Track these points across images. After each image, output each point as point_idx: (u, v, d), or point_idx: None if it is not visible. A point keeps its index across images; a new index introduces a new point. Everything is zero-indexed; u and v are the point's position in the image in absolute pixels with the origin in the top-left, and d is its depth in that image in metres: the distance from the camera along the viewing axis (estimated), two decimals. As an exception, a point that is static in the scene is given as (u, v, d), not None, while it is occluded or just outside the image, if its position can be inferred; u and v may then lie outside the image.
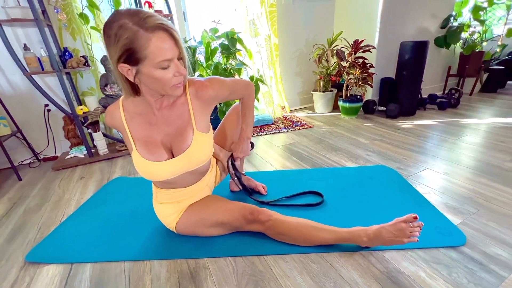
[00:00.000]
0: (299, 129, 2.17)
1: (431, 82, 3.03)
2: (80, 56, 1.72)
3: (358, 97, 2.34)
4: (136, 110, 0.80)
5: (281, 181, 1.34)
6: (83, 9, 1.71)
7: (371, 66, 2.18)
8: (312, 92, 2.61)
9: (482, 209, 1.04)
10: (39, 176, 1.67)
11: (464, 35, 2.88)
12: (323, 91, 2.52)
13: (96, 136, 1.79)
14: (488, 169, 1.35)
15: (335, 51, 2.31)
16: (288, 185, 1.30)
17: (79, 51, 1.83)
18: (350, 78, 2.27)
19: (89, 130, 1.86)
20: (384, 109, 2.39)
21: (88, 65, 1.75)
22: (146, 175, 0.83)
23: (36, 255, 0.96)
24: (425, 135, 1.87)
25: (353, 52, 2.20)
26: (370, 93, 2.57)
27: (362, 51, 2.17)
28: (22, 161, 1.88)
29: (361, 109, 2.52)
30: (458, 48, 3.04)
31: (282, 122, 2.35)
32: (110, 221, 1.12)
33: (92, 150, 1.84)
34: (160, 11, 1.83)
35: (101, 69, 1.87)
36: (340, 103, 2.39)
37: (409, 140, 1.78)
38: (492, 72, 3.00)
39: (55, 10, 1.63)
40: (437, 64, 2.99)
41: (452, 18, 2.77)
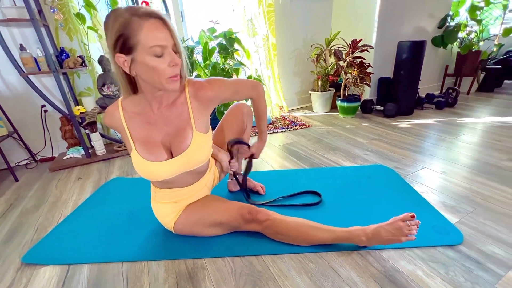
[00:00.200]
0: (297, 128, 2.17)
1: (429, 82, 3.04)
2: (77, 56, 1.71)
3: (356, 96, 2.35)
4: (135, 110, 0.80)
5: (279, 181, 1.34)
6: (79, 9, 1.71)
7: (369, 65, 2.19)
8: (310, 92, 2.62)
9: (479, 208, 1.05)
10: (36, 177, 1.66)
11: (461, 34, 2.89)
12: (321, 91, 2.52)
13: (94, 137, 1.78)
14: (485, 168, 1.36)
15: (333, 51, 2.31)
16: (286, 185, 1.30)
17: (76, 51, 1.82)
18: (348, 78, 2.27)
19: (87, 131, 1.85)
20: (382, 108, 2.40)
21: (85, 65, 1.74)
22: (145, 175, 0.83)
23: (33, 256, 0.95)
24: (422, 134, 1.87)
25: (351, 52, 2.20)
26: (368, 93, 2.58)
27: (359, 51, 2.18)
28: (19, 162, 1.87)
29: (359, 108, 2.52)
30: (455, 47, 3.06)
31: (280, 122, 2.35)
32: (108, 222, 1.11)
33: (89, 151, 1.83)
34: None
35: (98, 69, 1.86)
36: (338, 103, 2.39)
37: (406, 140, 1.79)
38: (489, 72, 3.02)
39: (52, 10, 1.62)
40: (434, 64, 3.01)
41: (449, 17, 2.78)
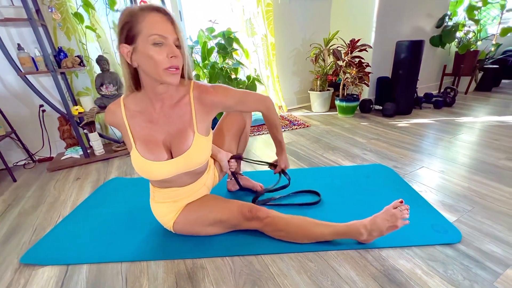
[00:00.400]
0: (296, 128, 2.17)
1: (427, 81, 3.05)
2: (75, 56, 1.70)
3: (355, 96, 2.35)
4: (137, 108, 0.80)
5: (278, 180, 1.34)
6: (77, 8, 1.70)
7: (367, 65, 2.19)
8: (309, 92, 2.62)
9: (477, 207, 1.05)
10: (34, 177, 1.65)
11: (459, 34, 2.90)
12: (320, 91, 2.53)
13: (92, 137, 1.78)
14: (483, 167, 1.36)
15: (331, 51, 2.32)
16: (285, 183, 1.30)
17: (74, 51, 1.81)
18: (346, 77, 2.28)
19: (85, 131, 1.85)
20: (381, 108, 2.40)
21: (83, 65, 1.73)
22: (143, 174, 0.83)
23: (31, 257, 0.95)
24: (421, 133, 1.88)
25: (350, 52, 2.21)
26: (366, 92, 2.58)
27: (358, 51, 2.18)
28: (17, 162, 1.86)
29: (358, 108, 2.53)
30: (453, 47, 3.07)
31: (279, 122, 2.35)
32: (107, 222, 1.11)
33: (88, 151, 1.83)
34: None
35: (97, 69, 1.85)
36: (337, 102, 2.40)
37: (405, 139, 1.79)
38: (487, 71, 3.04)
39: (49, 10, 1.62)
40: (432, 63, 3.02)
41: (447, 17, 2.79)
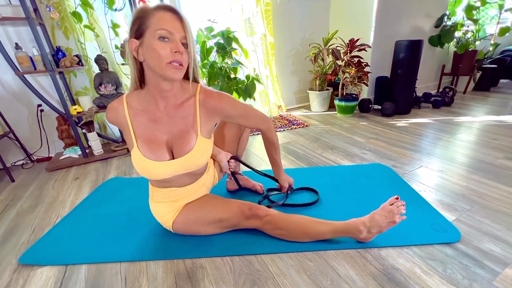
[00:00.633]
0: (295, 128, 2.17)
1: (426, 81, 3.06)
2: (74, 55, 1.69)
3: (354, 95, 2.35)
4: (140, 106, 0.80)
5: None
6: (76, 8, 1.69)
7: (367, 65, 2.19)
8: (308, 91, 2.62)
9: (476, 206, 1.06)
10: (33, 177, 1.65)
11: (457, 34, 2.91)
12: (319, 90, 2.53)
13: (91, 136, 1.77)
14: (481, 166, 1.37)
15: (330, 50, 2.32)
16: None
17: (72, 50, 1.81)
18: (345, 77, 2.28)
19: (84, 130, 1.84)
20: (380, 107, 2.41)
21: (82, 65, 1.73)
22: (143, 173, 0.83)
23: (29, 257, 0.94)
24: (420, 133, 1.88)
25: (349, 51, 2.21)
26: (365, 92, 2.59)
27: (357, 50, 2.18)
28: (15, 162, 1.85)
29: (357, 107, 2.53)
30: (452, 47, 3.07)
31: (279, 121, 2.35)
32: (106, 222, 1.11)
33: (86, 151, 1.82)
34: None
35: (95, 69, 1.84)
36: (336, 102, 2.40)
37: (404, 138, 1.80)
38: (485, 71, 3.05)
39: (47, 9, 1.61)
40: (431, 63, 3.02)
41: (446, 17, 2.80)
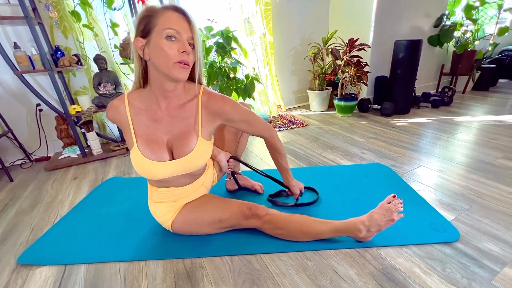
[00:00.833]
0: (295, 127, 2.17)
1: (425, 81, 3.06)
2: (72, 55, 1.69)
3: (353, 95, 2.35)
4: (142, 105, 0.80)
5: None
6: (75, 7, 1.68)
7: (366, 64, 2.19)
8: (307, 91, 2.62)
9: (475, 205, 1.06)
10: (31, 177, 1.64)
11: (456, 34, 2.91)
12: (319, 90, 2.53)
13: (90, 136, 1.77)
14: (480, 166, 1.37)
15: (330, 50, 2.32)
16: (284, 183, 1.30)
17: (71, 49, 1.80)
18: (345, 77, 2.28)
19: (82, 130, 1.83)
20: (379, 107, 2.41)
21: (81, 64, 1.72)
22: (142, 173, 0.83)
23: (28, 257, 0.94)
24: (419, 133, 1.89)
25: (348, 51, 2.21)
26: (365, 92, 2.59)
27: (356, 50, 2.18)
28: (14, 162, 1.84)
29: (356, 107, 2.53)
30: (451, 46, 3.08)
31: (278, 121, 2.35)
32: (105, 222, 1.10)
33: (85, 150, 1.82)
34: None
35: (94, 68, 1.84)
36: (335, 102, 2.40)
37: (403, 138, 1.80)
38: (484, 71, 3.05)
39: (46, 8, 1.60)
40: (430, 63, 3.03)
41: (445, 17, 2.80)
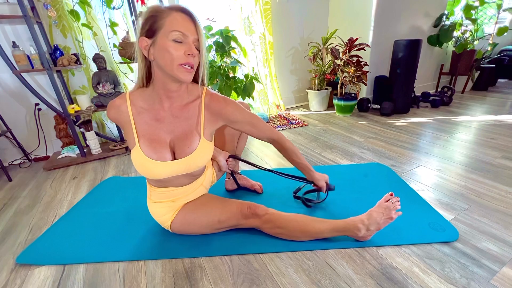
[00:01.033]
0: (294, 127, 2.17)
1: (424, 80, 3.07)
2: (71, 54, 1.68)
3: (353, 95, 2.35)
4: (144, 105, 0.79)
5: (277, 180, 1.34)
6: (73, 6, 1.68)
7: (365, 64, 2.19)
8: (307, 90, 2.62)
9: (474, 205, 1.06)
10: (30, 176, 1.64)
11: (456, 33, 2.92)
12: (318, 89, 2.53)
13: (89, 136, 1.76)
14: (479, 165, 1.37)
15: (329, 49, 2.31)
16: (284, 183, 1.30)
17: (70, 48, 1.80)
18: (344, 76, 2.28)
19: (81, 129, 1.83)
20: (378, 107, 2.41)
21: (80, 63, 1.72)
22: (143, 172, 0.83)
23: (27, 256, 0.94)
24: (418, 132, 1.89)
25: (348, 51, 2.21)
26: (364, 91, 2.59)
27: (356, 50, 2.18)
28: (12, 162, 1.84)
29: (356, 107, 2.53)
30: (450, 46, 3.08)
31: (277, 121, 2.35)
32: (104, 221, 1.10)
33: (84, 150, 1.81)
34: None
35: (93, 67, 1.83)
36: (335, 101, 2.40)
37: (402, 138, 1.80)
38: (483, 71, 3.06)
39: (45, 7, 1.59)
40: (430, 63, 3.03)
41: (445, 17, 2.80)
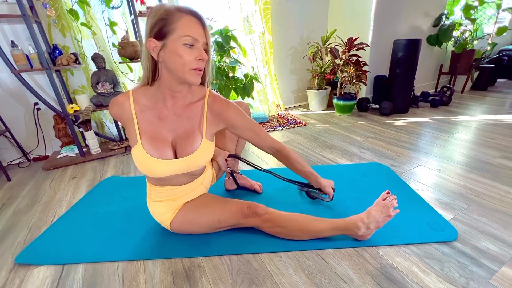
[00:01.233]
0: (294, 127, 2.17)
1: (424, 80, 3.07)
2: (70, 54, 1.68)
3: (352, 95, 2.35)
4: (147, 103, 0.80)
5: (276, 179, 1.34)
6: (72, 5, 1.68)
7: (365, 64, 2.19)
8: (306, 90, 2.62)
9: (473, 205, 1.06)
10: (29, 176, 1.63)
11: (455, 33, 2.92)
12: (318, 89, 2.53)
13: (88, 135, 1.76)
14: (478, 165, 1.37)
15: (329, 49, 2.31)
16: (283, 183, 1.30)
17: (69, 48, 1.79)
18: (344, 76, 2.28)
19: (81, 129, 1.83)
20: (378, 106, 2.41)
21: (79, 63, 1.71)
22: (143, 170, 0.83)
23: (26, 256, 0.94)
24: (417, 132, 1.89)
25: (347, 50, 2.21)
26: (364, 91, 2.59)
27: (356, 49, 2.18)
28: (11, 161, 1.83)
29: (355, 107, 2.53)
30: (449, 46, 3.09)
31: (277, 120, 2.35)
32: (103, 221, 1.10)
33: (83, 150, 1.81)
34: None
35: (93, 67, 1.83)
36: (335, 101, 2.40)
37: (402, 138, 1.80)
38: (483, 70, 3.06)
39: (44, 6, 1.59)
40: (429, 62, 3.03)
41: (444, 16, 2.81)
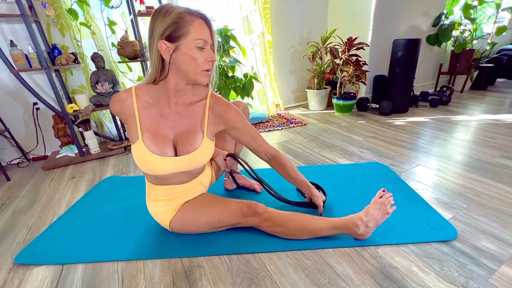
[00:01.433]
0: (294, 126, 2.17)
1: (423, 80, 3.07)
2: (70, 53, 1.68)
3: (352, 94, 2.35)
4: (150, 100, 0.80)
5: (276, 179, 1.33)
6: (72, 5, 1.67)
7: (364, 63, 2.19)
8: (306, 90, 2.62)
9: (473, 204, 1.06)
10: (29, 176, 1.63)
11: (455, 33, 2.92)
12: (317, 89, 2.53)
13: (87, 135, 1.76)
14: (478, 164, 1.38)
15: (328, 49, 2.31)
16: (282, 183, 1.29)
17: (69, 48, 1.79)
18: (343, 76, 2.28)
19: (80, 129, 1.82)
20: (377, 106, 2.41)
21: (78, 62, 1.71)
22: (143, 167, 0.83)
23: (25, 256, 0.93)
24: (417, 132, 1.89)
25: (347, 50, 2.21)
26: (363, 91, 2.59)
27: (355, 49, 2.18)
28: (11, 161, 1.83)
29: (355, 106, 2.53)
30: (449, 46, 3.09)
31: (277, 120, 2.35)
32: (102, 221, 1.10)
33: (83, 149, 1.81)
34: (152, 8, 1.80)
35: (92, 67, 1.83)
36: (334, 101, 2.40)
37: (401, 137, 1.80)
38: (482, 70, 3.06)
39: (43, 5, 1.58)
40: (429, 62, 3.03)
41: (444, 16, 2.81)
